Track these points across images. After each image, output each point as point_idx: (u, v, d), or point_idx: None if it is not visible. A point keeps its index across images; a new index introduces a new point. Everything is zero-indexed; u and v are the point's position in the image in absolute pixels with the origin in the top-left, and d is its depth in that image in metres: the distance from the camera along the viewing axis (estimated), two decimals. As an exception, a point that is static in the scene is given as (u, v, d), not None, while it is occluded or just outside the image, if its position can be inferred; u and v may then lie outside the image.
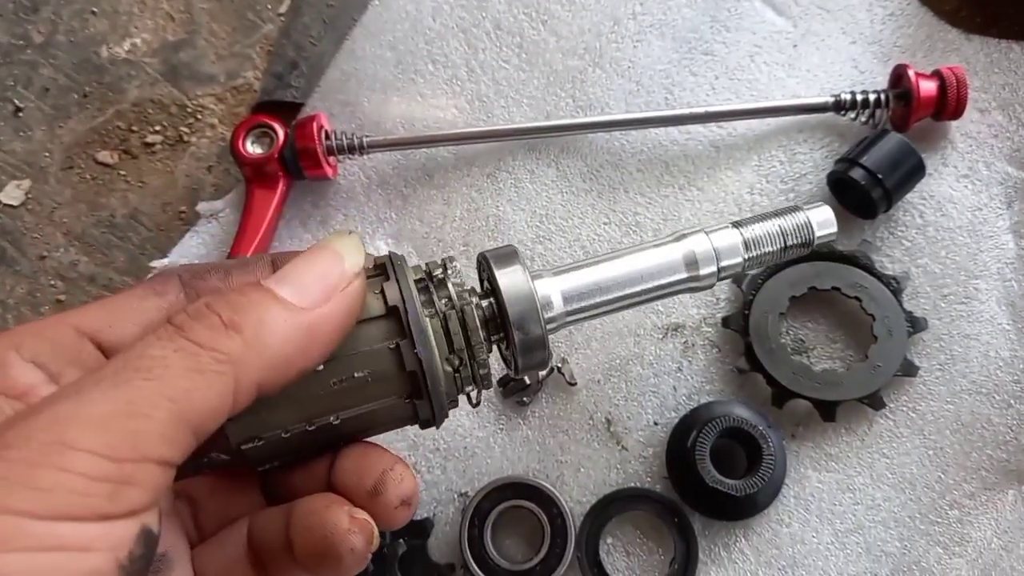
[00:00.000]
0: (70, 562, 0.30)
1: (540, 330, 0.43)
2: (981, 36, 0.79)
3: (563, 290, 0.46)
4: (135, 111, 0.83)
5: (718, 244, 0.49)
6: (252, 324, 0.35)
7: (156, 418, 0.32)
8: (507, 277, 0.44)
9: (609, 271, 0.47)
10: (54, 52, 0.84)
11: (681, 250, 0.49)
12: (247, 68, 0.84)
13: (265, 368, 0.35)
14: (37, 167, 0.81)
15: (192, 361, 0.34)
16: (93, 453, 0.30)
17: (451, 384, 0.42)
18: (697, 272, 0.48)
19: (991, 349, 0.72)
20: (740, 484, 0.67)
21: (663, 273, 0.48)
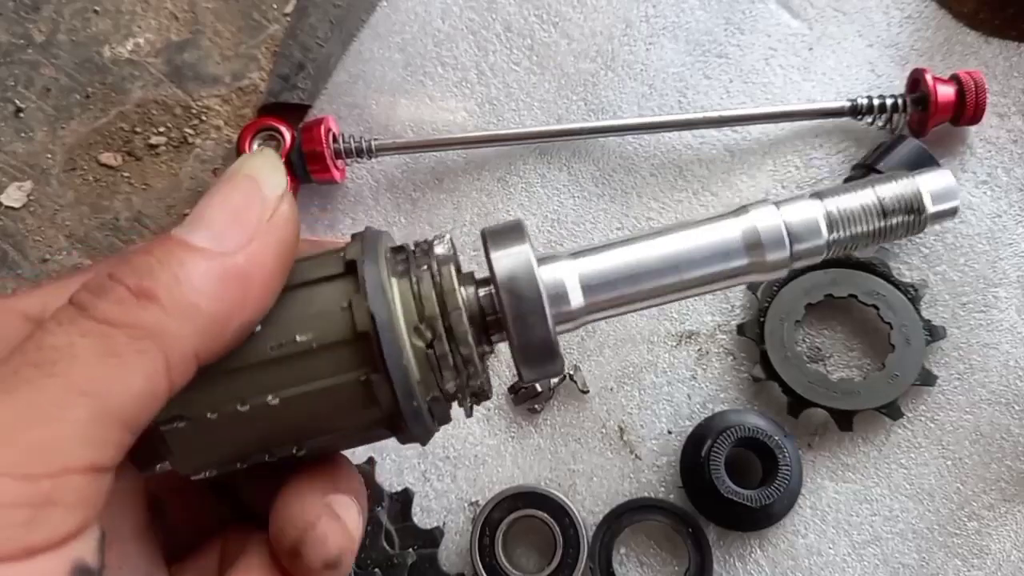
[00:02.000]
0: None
1: (545, 331, 0.36)
2: (1000, 39, 0.81)
3: (583, 276, 0.38)
4: (139, 112, 0.85)
5: (792, 220, 0.39)
6: (166, 286, 0.30)
7: (70, 419, 0.28)
8: (506, 260, 0.36)
9: (644, 253, 0.38)
10: (56, 52, 0.86)
11: (741, 227, 0.39)
12: (252, 69, 0.86)
13: (197, 334, 0.30)
14: (39, 169, 0.83)
15: (105, 344, 0.29)
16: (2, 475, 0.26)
17: (424, 367, 0.35)
18: (763, 257, 0.38)
19: (1011, 359, 0.74)
20: (755, 494, 0.68)
21: (717, 257, 0.38)
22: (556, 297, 0.37)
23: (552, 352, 0.36)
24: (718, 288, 0.40)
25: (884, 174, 0.41)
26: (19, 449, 0.27)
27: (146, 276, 0.30)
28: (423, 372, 0.35)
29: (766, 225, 0.38)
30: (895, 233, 0.41)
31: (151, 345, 0.29)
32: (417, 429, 0.35)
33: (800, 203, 0.39)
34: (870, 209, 0.40)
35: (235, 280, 0.31)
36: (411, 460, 0.74)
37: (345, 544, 0.35)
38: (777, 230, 0.38)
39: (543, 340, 0.36)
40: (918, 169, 0.42)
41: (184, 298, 0.30)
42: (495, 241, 0.37)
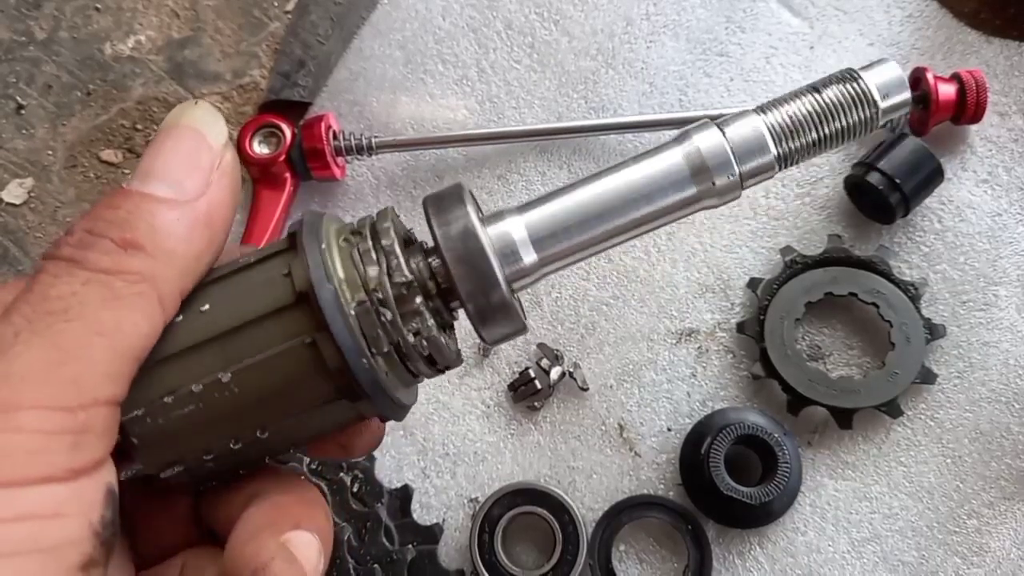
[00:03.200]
0: (42, 531, 0.29)
1: (499, 291, 0.36)
2: (1001, 39, 0.83)
3: (531, 231, 0.37)
4: (139, 109, 0.86)
5: (736, 137, 0.38)
6: (147, 235, 0.34)
7: (93, 358, 0.31)
8: (449, 226, 0.36)
9: (591, 195, 0.38)
10: (57, 49, 0.88)
11: (683, 152, 0.38)
12: (253, 67, 0.88)
13: (179, 274, 0.34)
14: (40, 165, 0.85)
15: (106, 290, 0.32)
16: (42, 408, 0.30)
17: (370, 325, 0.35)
18: (711, 182, 0.38)
19: (1011, 357, 0.75)
20: (755, 492, 0.70)
21: (664, 190, 0.38)
22: (506, 255, 0.37)
23: (508, 310, 0.36)
24: (672, 220, 0.39)
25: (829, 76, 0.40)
26: (55, 385, 0.30)
27: (126, 228, 0.34)
28: (369, 330, 0.35)
29: (709, 146, 0.38)
30: (847, 135, 0.40)
31: (146, 287, 0.33)
32: (377, 396, 0.35)
33: (742, 120, 0.38)
34: (817, 113, 0.39)
35: (202, 224, 0.35)
36: (411, 457, 0.76)
37: None
38: (721, 149, 0.38)
39: (497, 301, 0.36)
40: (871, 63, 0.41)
41: (164, 244, 0.34)
42: (436, 208, 0.37)
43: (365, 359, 0.35)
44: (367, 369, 0.35)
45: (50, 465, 0.30)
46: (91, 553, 0.31)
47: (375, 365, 0.35)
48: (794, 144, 0.39)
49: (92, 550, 0.31)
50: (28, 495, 0.29)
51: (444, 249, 0.36)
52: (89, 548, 0.31)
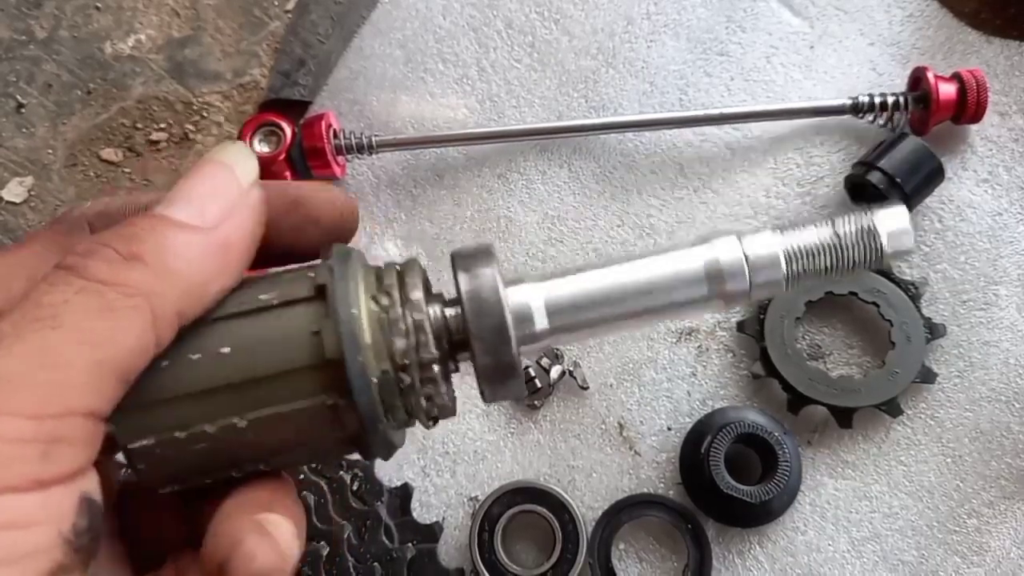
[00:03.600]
0: (9, 541, 0.29)
1: (509, 351, 0.37)
2: (1002, 39, 0.83)
3: (548, 301, 0.40)
4: (140, 108, 0.87)
5: (752, 253, 0.40)
6: (153, 251, 0.34)
7: (75, 367, 0.31)
8: (473, 281, 0.38)
9: (608, 280, 0.40)
10: (57, 48, 0.88)
11: (703, 258, 0.41)
12: (253, 66, 0.88)
13: (181, 295, 0.34)
14: (40, 164, 0.85)
15: (99, 300, 0.32)
16: (14, 415, 0.30)
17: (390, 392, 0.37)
18: (723, 287, 0.40)
19: (1011, 356, 0.76)
20: (755, 491, 0.70)
21: (679, 286, 0.41)
22: (521, 319, 0.39)
23: (514, 372, 0.38)
24: (680, 316, 0.42)
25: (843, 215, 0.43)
26: (29, 392, 0.30)
27: (133, 242, 0.34)
28: (389, 397, 0.36)
29: (728, 257, 0.40)
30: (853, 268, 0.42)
31: (141, 302, 0.32)
32: (381, 451, 0.38)
33: (761, 236, 0.41)
34: (827, 246, 0.41)
35: (215, 249, 0.35)
36: (410, 456, 0.76)
37: (275, 561, 0.35)
38: (738, 262, 0.40)
39: (506, 360, 0.37)
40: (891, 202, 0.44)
41: (168, 262, 0.34)
42: (463, 263, 0.38)
43: (380, 424, 0.36)
44: (381, 432, 0.37)
45: (17, 476, 0.29)
46: (61, 560, 0.31)
47: (387, 429, 0.37)
48: (801, 267, 0.41)
49: (63, 557, 0.31)
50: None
51: (465, 302, 0.37)
52: (59, 555, 0.31)
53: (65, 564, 0.31)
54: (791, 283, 0.41)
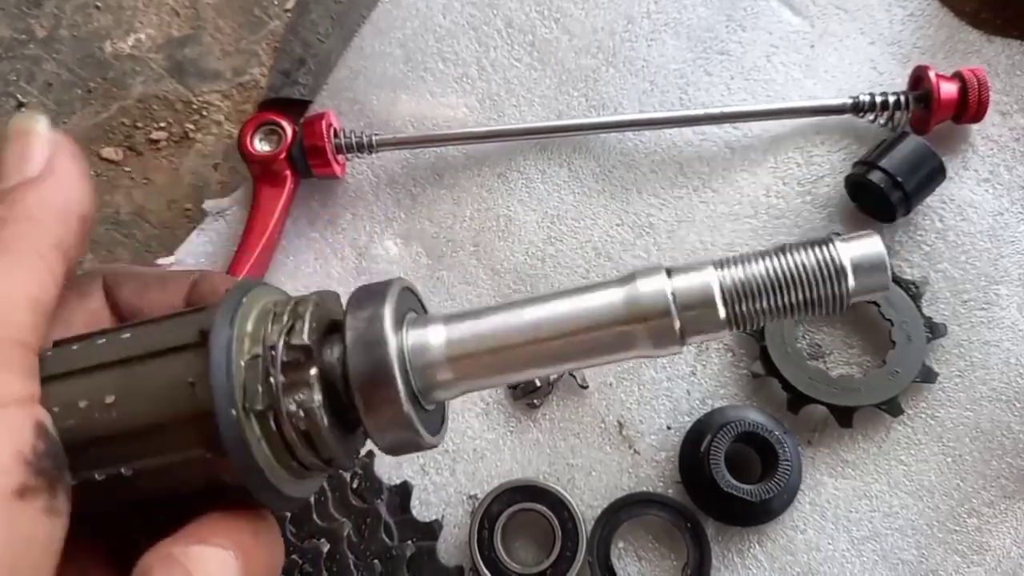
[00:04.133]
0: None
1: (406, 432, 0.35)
2: (1003, 38, 0.84)
3: (452, 348, 0.36)
4: (140, 107, 0.88)
5: (682, 288, 0.35)
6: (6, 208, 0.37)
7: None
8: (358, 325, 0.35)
9: (519, 317, 0.37)
10: (57, 47, 0.89)
11: (622, 293, 0.36)
12: (253, 65, 0.89)
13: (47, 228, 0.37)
14: (40, 163, 0.86)
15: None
16: None
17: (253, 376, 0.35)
18: (646, 328, 0.36)
19: (1012, 356, 0.77)
20: (755, 489, 0.71)
21: (596, 325, 0.36)
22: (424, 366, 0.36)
23: (415, 443, 0.36)
24: (603, 361, 0.38)
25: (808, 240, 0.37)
26: None
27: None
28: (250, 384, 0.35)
29: (650, 290, 0.35)
30: (807, 310, 0.36)
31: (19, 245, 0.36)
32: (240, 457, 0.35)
33: (695, 272, 0.36)
34: (777, 282, 0.36)
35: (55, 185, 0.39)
36: (410, 455, 0.77)
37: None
38: (663, 302, 0.35)
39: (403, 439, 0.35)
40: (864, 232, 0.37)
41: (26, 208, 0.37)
42: (356, 304, 0.36)
43: (235, 410, 0.34)
44: (233, 421, 0.34)
45: None
46: (24, 481, 0.31)
47: (244, 422, 0.35)
48: (746, 307, 0.36)
49: (26, 478, 0.32)
50: None
51: (348, 348, 0.35)
52: (22, 476, 0.31)
53: (29, 485, 0.32)
54: (734, 325, 0.36)
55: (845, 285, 0.35)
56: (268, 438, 0.35)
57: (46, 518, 0.32)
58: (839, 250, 0.35)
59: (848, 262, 0.35)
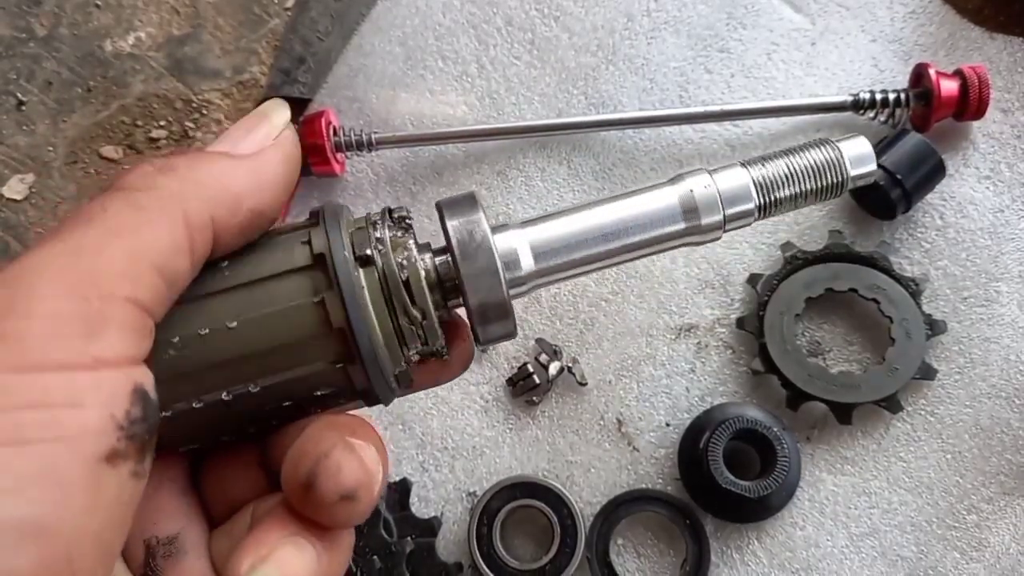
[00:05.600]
0: (59, 419, 0.31)
1: (501, 293, 0.40)
2: (1004, 35, 0.86)
3: (532, 244, 0.43)
4: (140, 106, 0.91)
5: (724, 186, 0.45)
6: (185, 164, 0.38)
7: (110, 255, 0.33)
8: (462, 228, 0.41)
9: (589, 221, 0.44)
10: (57, 45, 0.92)
11: (677, 194, 0.44)
12: (253, 63, 0.92)
13: (212, 201, 0.37)
14: (40, 161, 0.89)
15: (130, 201, 0.35)
16: (55, 295, 0.32)
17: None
18: (698, 221, 0.44)
19: (1011, 353, 0.79)
20: (754, 485, 0.73)
21: (656, 223, 0.44)
22: (508, 263, 0.42)
23: (507, 313, 0.41)
24: (657, 251, 0.45)
25: (808, 142, 0.47)
26: (70, 277, 0.32)
27: (168, 160, 0.38)
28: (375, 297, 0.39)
29: (701, 192, 0.44)
30: (820, 194, 0.47)
31: (171, 203, 0.36)
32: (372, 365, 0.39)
33: (731, 171, 0.46)
34: (796, 173, 0.46)
35: (246, 169, 0.40)
36: (409, 451, 0.79)
37: (361, 477, 0.37)
38: (712, 196, 0.44)
39: (499, 303, 0.41)
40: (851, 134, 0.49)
41: (200, 172, 0.38)
42: (451, 211, 0.42)
43: (367, 322, 0.39)
44: (366, 333, 0.39)
45: (65, 351, 0.31)
46: (115, 445, 0.32)
47: (375, 332, 0.39)
48: (771, 197, 0.46)
49: (116, 442, 0.32)
50: (44, 381, 0.31)
51: (457, 248, 0.40)
52: (112, 440, 0.32)
53: (119, 450, 0.32)
54: (763, 212, 0.46)
55: (846, 172, 0.46)
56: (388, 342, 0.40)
57: (131, 481, 0.33)
58: (839, 147, 0.46)
59: (846, 154, 0.46)
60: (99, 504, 0.32)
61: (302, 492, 0.37)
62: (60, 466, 0.30)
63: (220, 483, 0.43)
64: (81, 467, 0.31)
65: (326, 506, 0.36)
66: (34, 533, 0.29)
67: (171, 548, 0.40)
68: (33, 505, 0.30)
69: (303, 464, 0.37)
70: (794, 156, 0.46)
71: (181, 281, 0.37)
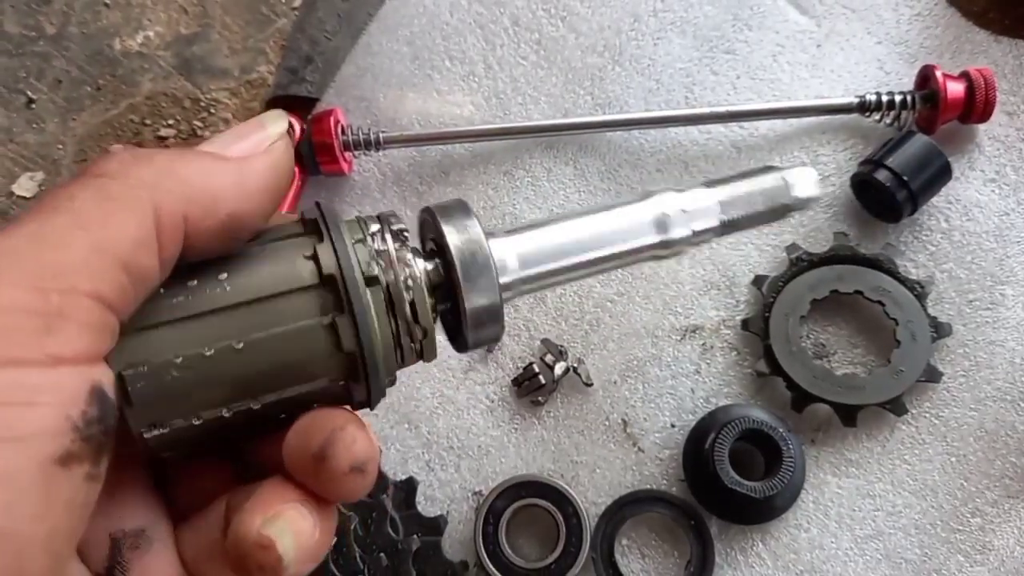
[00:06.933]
0: (11, 419, 0.29)
1: (496, 298, 0.41)
2: (1010, 38, 0.84)
3: (519, 253, 0.43)
4: (148, 104, 0.89)
5: (691, 207, 0.47)
6: (166, 156, 0.35)
7: (72, 247, 0.31)
8: (459, 235, 0.40)
9: (572, 233, 0.45)
10: (67, 44, 0.90)
11: (651, 211, 0.46)
12: (261, 62, 0.90)
13: (187, 199, 0.34)
14: (50, 159, 0.87)
15: (101, 191, 0.33)
16: (12, 287, 0.30)
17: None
18: (668, 235, 0.46)
19: (1017, 356, 0.77)
20: (759, 487, 0.71)
21: (632, 235, 0.46)
22: (500, 269, 0.42)
23: (499, 319, 0.41)
24: (631, 262, 0.47)
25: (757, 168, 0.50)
26: (28, 268, 0.30)
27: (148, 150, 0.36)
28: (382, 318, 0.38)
29: (673, 209, 0.46)
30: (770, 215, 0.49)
31: (143, 193, 0.33)
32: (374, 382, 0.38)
33: (697, 192, 0.47)
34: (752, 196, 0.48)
35: (230, 170, 0.36)
36: (415, 450, 0.78)
37: (371, 452, 0.36)
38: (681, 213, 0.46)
39: (493, 308, 0.41)
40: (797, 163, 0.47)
41: (179, 167, 0.35)
42: (446, 218, 0.41)
43: (376, 346, 0.38)
44: (376, 356, 0.38)
45: (20, 346, 0.29)
46: (69, 447, 0.30)
47: (379, 351, 0.38)
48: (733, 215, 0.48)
49: (71, 444, 0.30)
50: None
51: (455, 253, 0.40)
52: (67, 442, 0.30)
53: (74, 452, 0.30)
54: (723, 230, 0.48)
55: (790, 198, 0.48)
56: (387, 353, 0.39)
57: (85, 484, 0.31)
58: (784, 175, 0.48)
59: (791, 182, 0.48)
60: (51, 508, 0.30)
61: (312, 464, 0.36)
62: (11, 468, 0.29)
63: (186, 478, 0.41)
64: (33, 469, 0.29)
65: (337, 477, 0.36)
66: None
67: (137, 540, 0.38)
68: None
69: (316, 437, 0.36)
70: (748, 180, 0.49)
71: (149, 279, 0.34)
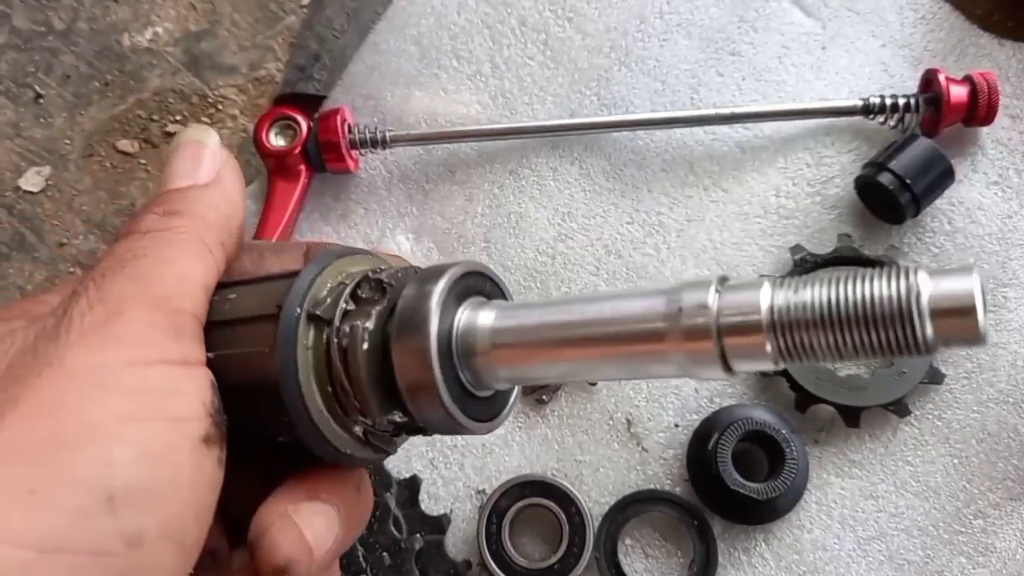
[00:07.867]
0: (164, 403, 0.34)
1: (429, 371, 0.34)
2: (1014, 41, 0.83)
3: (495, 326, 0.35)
4: (156, 100, 0.87)
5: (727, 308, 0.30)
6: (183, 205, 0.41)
7: (165, 279, 0.37)
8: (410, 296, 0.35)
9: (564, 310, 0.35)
10: (75, 39, 0.88)
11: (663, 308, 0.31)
12: (269, 60, 0.88)
13: (215, 229, 0.41)
14: (57, 154, 0.85)
15: (160, 239, 0.39)
16: (141, 306, 0.35)
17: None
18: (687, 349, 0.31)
19: (1019, 358, 0.75)
20: (762, 487, 0.70)
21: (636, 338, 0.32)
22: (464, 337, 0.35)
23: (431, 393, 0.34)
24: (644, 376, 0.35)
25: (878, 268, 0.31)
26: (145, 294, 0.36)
27: (164, 203, 0.41)
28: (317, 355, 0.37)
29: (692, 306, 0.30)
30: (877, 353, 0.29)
31: (192, 236, 0.39)
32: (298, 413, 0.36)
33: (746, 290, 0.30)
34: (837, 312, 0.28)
35: (218, 192, 0.43)
36: (419, 448, 0.76)
37: (295, 554, 0.37)
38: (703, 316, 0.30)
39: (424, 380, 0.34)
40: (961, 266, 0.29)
41: (195, 209, 0.41)
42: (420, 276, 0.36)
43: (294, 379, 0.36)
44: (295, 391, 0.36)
45: (161, 350, 0.35)
46: (208, 430, 0.35)
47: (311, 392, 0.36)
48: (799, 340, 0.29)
49: (209, 427, 0.35)
50: (148, 373, 0.34)
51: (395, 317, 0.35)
52: (207, 425, 0.35)
53: (211, 435, 0.35)
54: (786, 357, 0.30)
55: (922, 327, 0.28)
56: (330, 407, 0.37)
57: (218, 469, 0.36)
58: (920, 283, 0.28)
59: (927, 301, 0.27)
60: (199, 482, 0.35)
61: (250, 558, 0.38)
62: (171, 444, 0.34)
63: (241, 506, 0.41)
64: (187, 446, 0.34)
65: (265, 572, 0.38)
66: (154, 500, 0.33)
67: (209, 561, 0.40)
68: (153, 475, 0.33)
69: (251, 533, 0.38)
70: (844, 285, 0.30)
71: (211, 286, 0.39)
